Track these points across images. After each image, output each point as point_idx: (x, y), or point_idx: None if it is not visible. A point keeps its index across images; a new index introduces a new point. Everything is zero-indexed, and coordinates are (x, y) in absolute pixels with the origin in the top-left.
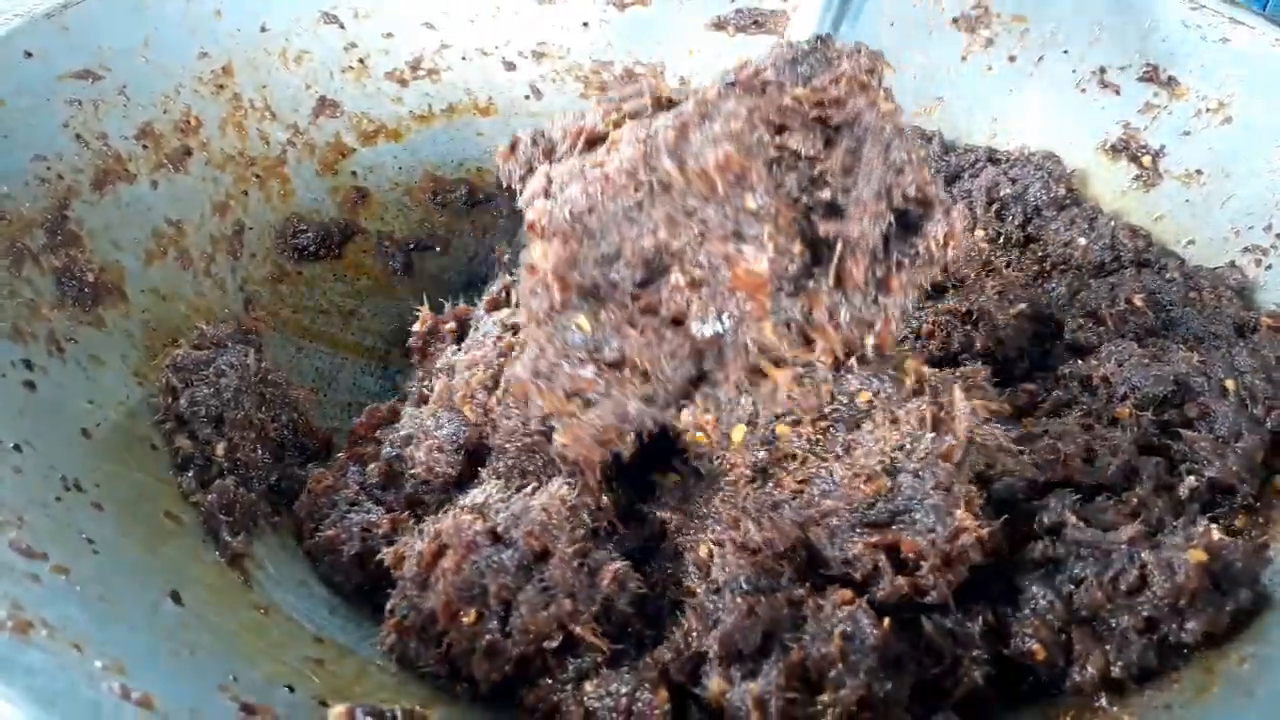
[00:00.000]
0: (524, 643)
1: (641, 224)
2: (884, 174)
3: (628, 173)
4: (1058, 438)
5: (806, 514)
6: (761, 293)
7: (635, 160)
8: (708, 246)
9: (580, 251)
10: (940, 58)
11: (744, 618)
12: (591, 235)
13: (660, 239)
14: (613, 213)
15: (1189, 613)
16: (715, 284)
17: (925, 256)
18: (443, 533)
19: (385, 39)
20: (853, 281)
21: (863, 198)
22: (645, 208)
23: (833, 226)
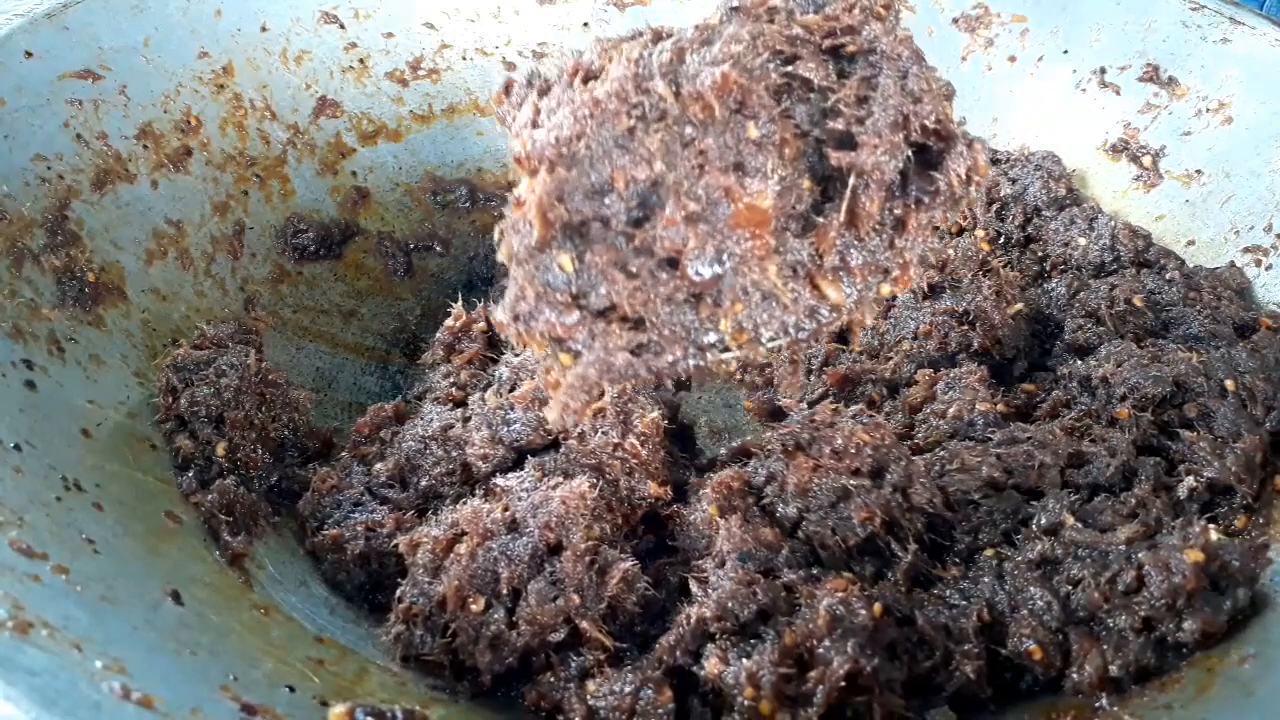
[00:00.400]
0: (529, 634)
1: (635, 152)
2: (900, 103)
3: (618, 96)
4: (1040, 445)
5: None
6: (765, 229)
7: (626, 83)
8: (706, 178)
9: (568, 180)
10: (940, 58)
11: (742, 585)
12: (580, 164)
13: (656, 169)
14: (603, 140)
15: (1187, 613)
16: (714, 220)
17: (947, 193)
18: (461, 520)
19: (385, 39)
20: (867, 219)
21: (878, 127)
22: (638, 135)
23: (846, 158)
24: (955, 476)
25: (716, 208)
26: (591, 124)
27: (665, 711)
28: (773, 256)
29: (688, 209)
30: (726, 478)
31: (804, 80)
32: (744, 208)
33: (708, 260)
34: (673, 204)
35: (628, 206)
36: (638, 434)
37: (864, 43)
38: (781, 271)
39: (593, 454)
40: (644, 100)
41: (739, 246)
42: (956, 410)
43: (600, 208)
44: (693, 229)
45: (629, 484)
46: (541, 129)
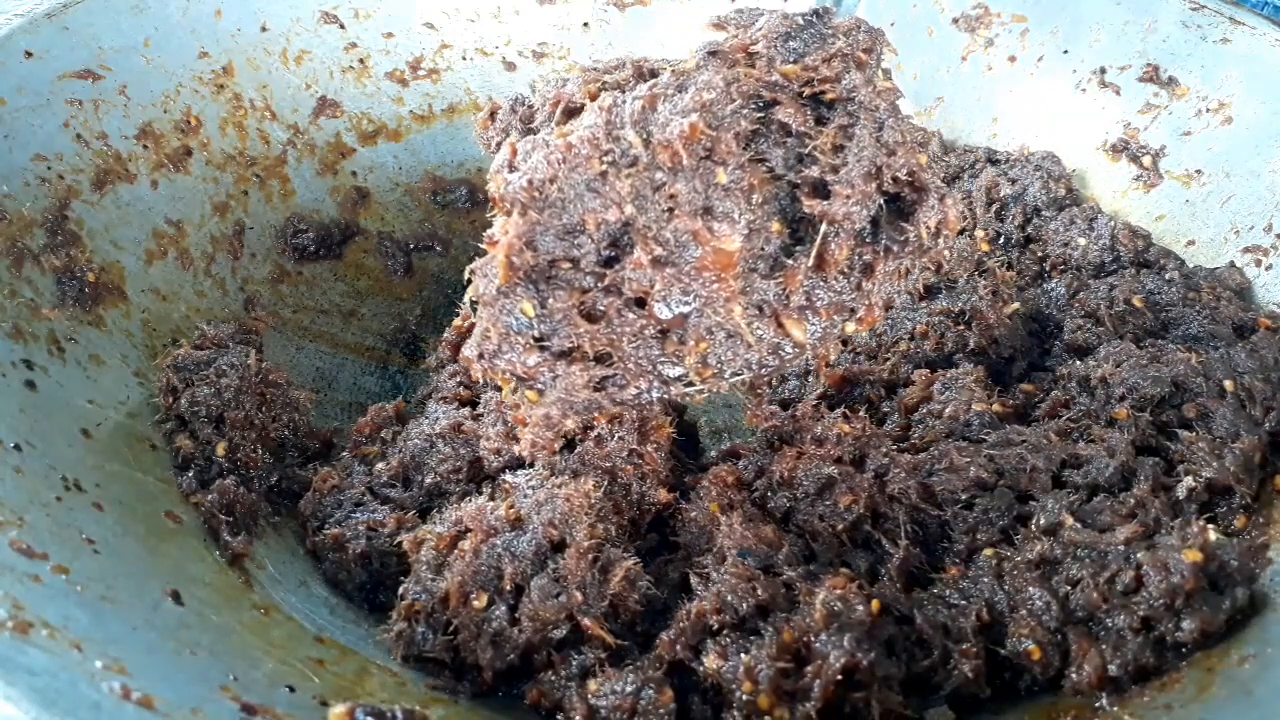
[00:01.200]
0: (530, 630)
1: (605, 196)
2: (875, 154)
3: (590, 142)
4: (1034, 449)
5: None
6: (730, 272)
7: (598, 130)
8: (675, 222)
9: (540, 222)
10: (940, 58)
11: (742, 580)
12: (552, 206)
13: (626, 212)
14: (575, 184)
15: (1185, 612)
16: (682, 262)
17: (915, 244)
18: (465, 517)
19: (385, 39)
20: (834, 264)
21: (851, 177)
22: (609, 179)
23: (818, 205)
24: (943, 476)
25: (684, 250)
26: (564, 168)
27: (666, 711)
28: (738, 298)
29: (654, 252)
30: (722, 472)
31: (782, 125)
32: (711, 250)
33: (675, 301)
34: (641, 247)
35: (598, 247)
36: (653, 442)
37: (843, 91)
38: (746, 312)
39: (608, 458)
40: (615, 147)
41: (705, 289)
42: (953, 410)
43: (571, 248)
44: (659, 271)
45: (640, 489)
46: (517, 172)
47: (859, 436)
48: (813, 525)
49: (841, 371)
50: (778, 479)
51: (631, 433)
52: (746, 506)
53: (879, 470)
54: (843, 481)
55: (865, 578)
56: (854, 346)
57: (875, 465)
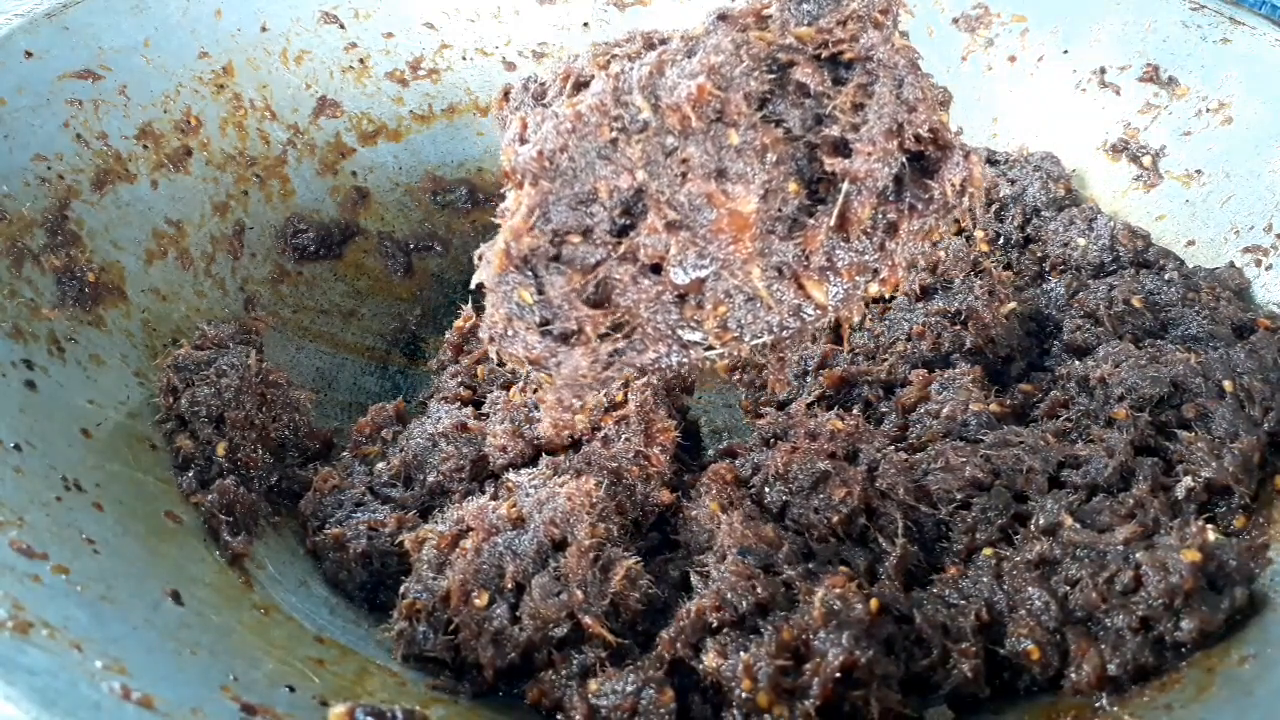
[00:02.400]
0: (531, 628)
1: (617, 163)
2: (895, 111)
3: (599, 110)
4: (1031, 450)
5: None
6: (746, 234)
7: (606, 97)
8: (689, 186)
9: (552, 192)
10: (940, 58)
11: (741, 578)
12: (563, 176)
13: (639, 178)
14: (585, 152)
15: (1184, 612)
16: (697, 226)
17: (940, 202)
18: (466, 516)
19: (386, 39)
20: (857, 223)
21: (873, 135)
22: (620, 146)
23: (840, 164)
24: (939, 475)
25: (699, 214)
26: (574, 137)
27: (667, 711)
28: (756, 260)
29: (668, 217)
30: (720, 469)
31: (799, 85)
32: (726, 213)
33: (691, 265)
34: (655, 212)
35: (611, 215)
36: (659, 444)
37: (861, 50)
38: (765, 274)
39: (613, 458)
40: (623, 113)
41: (722, 251)
42: (950, 410)
43: (584, 218)
44: (674, 235)
45: (644, 490)
46: (527, 144)
47: (851, 433)
48: (808, 518)
49: (840, 372)
50: (773, 473)
51: (638, 434)
52: (746, 504)
53: (871, 464)
54: (836, 475)
55: (864, 577)
56: (852, 347)
57: (868, 460)
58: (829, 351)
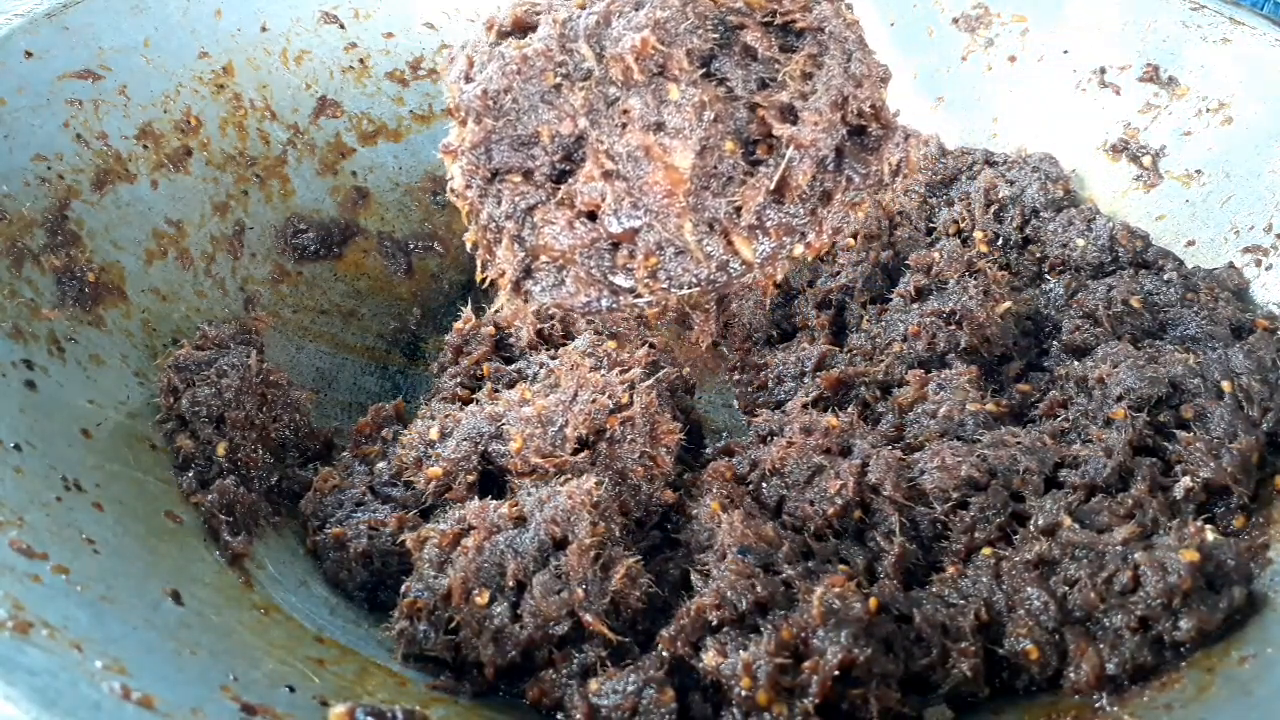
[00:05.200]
0: (532, 626)
1: (560, 109)
2: (843, 84)
3: (544, 55)
4: (1028, 450)
5: None
6: (680, 188)
7: (551, 42)
8: (627, 137)
9: (495, 130)
10: (940, 58)
11: (741, 577)
12: (507, 116)
13: (580, 125)
14: (529, 95)
15: (1183, 612)
16: (632, 177)
17: (875, 178)
18: (468, 515)
19: (386, 39)
20: (794, 189)
21: (819, 105)
22: (564, 92)
23: (787, 130)
24: (934, 474)
25: (636, 165)
26: (519, 79)
27: (667, 711)
28: (688, 214)
29: (605, 166)
30: (720, 467)
31: (746, 47)
32: (662, 166)
33: (625, 215)
34: (592, 160)
35: (552, 160)
36: (664, 445)
37: (813, 20)
38: (697, 229)
39: (619, 459)
40: (568, 59)
41: (656, 204)
42: (947, 410)
43: (525, 160)
44: (610, 184)
45: (648, 490)
46: (472, 82)
47: (845, 429)
48: (804, 510)
49: (837, 374)
50: (769, 468)
51: (644, 435)
52: (747, 503)
53: (864, 458)
54: (830, 468)
55: (864, 576)
56: (850, 348)
57: (861, 454)
58: (826, 352)
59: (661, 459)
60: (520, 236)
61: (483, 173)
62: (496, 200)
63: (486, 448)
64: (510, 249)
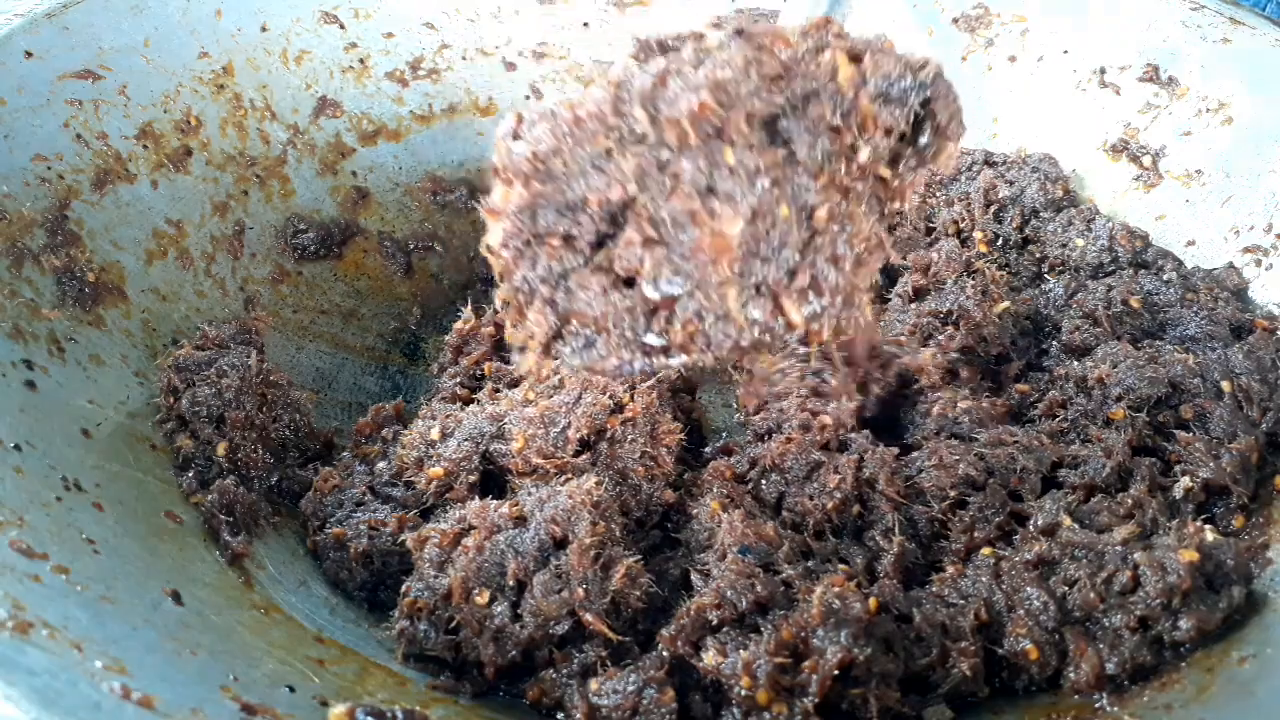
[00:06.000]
0: (533, 625)
1: (610, 175)
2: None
3: (597, 118)
4: (1025, 449)
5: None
6: (727, 256)
7: (605, 105)
8: (673, 201)
9: (543, 194)
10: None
11: (741, 576)
12: (556, 180)
13: (629, 192)
14: (580, 159)
15: (1182, 612)
16: (676, 243)
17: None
18: (469, 515)
19: (386, 39)
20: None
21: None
22: (615, 157)
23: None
24: (931, 472)
25: (681, 230)
26: (569, 141)
27: (667, 711)
28: (733, 282)
29: (647, 232)
30: (720, 466)
31: (820, 118)
32: (709, 233)
33: (664, 282)
34: (634, 225)
35: (598, 226)
36: (665, 445)
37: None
38: (741, 294)
39: (620, 459)
40: (621, 124)
41: (699, 271)
42: (941, 409)
43: (571, 225)
44: (649, 251)
45: (649, 489)
46: (520, 141)
47: (840, 428)
48: (803, 505)
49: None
50: (768, 464)
51: (645, 436)
52: (747, 502)
53: (860, 454)
54: (829, 463)
55: (863, 576)
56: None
57: (858, 450)
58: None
59: (662, 459)
60: (553, 300)
61: (524, 236)
62: (533, 263)
63: (488, 448)
64: (542, 312)
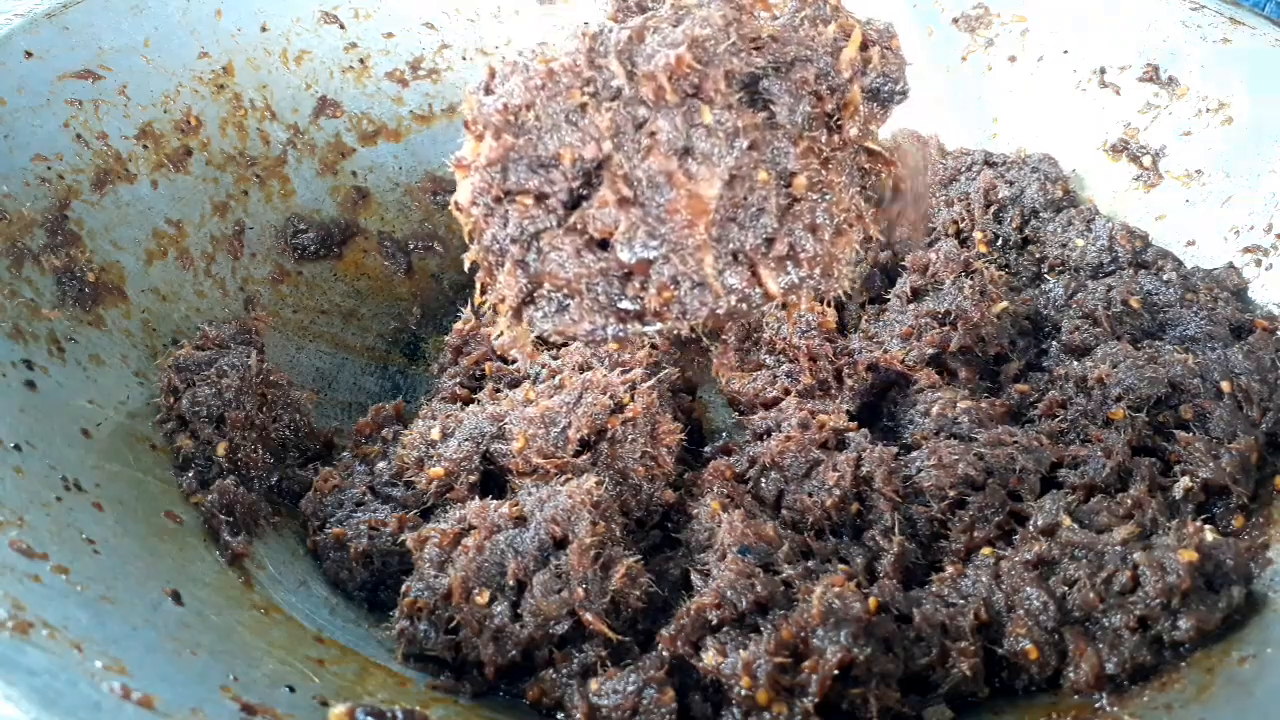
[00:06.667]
0: (533, 625)
1: (584, 131)
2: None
3: (571, 70)
4: (1025, 449)
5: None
6: (703, 219)
7: (579, 57)
8: (649, 161)
9: (515, 148)
10: (940, 58)
11: (741, 576)
12: (528, 134)
13: (604, 150)
14: (553, 113)
15: (1182, 612)
16: (652, 204)
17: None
18: (469, 515)
19: (386, 39)
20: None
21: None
22: (589, 113)
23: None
24: (931, 472)
25: (656, 192)
26: (542, 95)
27: (668, 711)
28: (709, 247)
29: (622, 192)
30: (720, 466)
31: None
32: (685, 194)
33: (639, 244)
34: (609, 185)
35: (570, 185)
36: (665, 445)
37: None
38: (719, 261)
39: (620, 459)
40: (596, 76)
41: (675, 234)
42: (940, 409)
43: (543, 183)
44: (625, 211)
45: (649, 489)
46: (492, 94)
47: (838, 428)
48: (802, 503)
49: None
50: (768, 462)
51: (645, 436)
52: (747, 501)
53: (859, 452)
54: (828, 461)
55: (863, 575)
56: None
57: (856, 448)
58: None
59: (662, 459)
60: (524, 261)
61: (494, 192)
62: (503, 221)
63: (488, 448)
64: (513, 274)
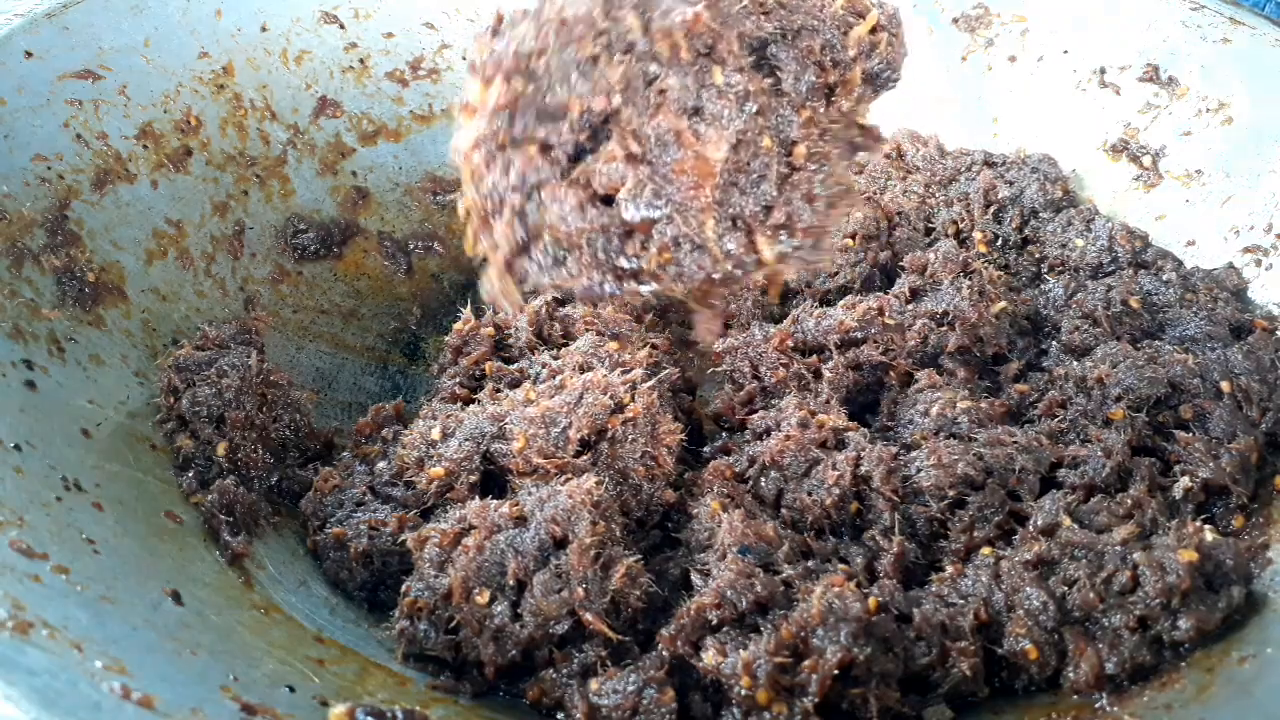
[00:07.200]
0: (533, 625)
1: (595, 83)
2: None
3: (585, 20)
4: (1024, 449)
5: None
6: (709, 181)
7: (596, 8)
8: (659, 119)
9: (524, 96)
10: (940, 58)
11: (741, 576)
12: (538, 82)
13: (614, 103)
14: (564, 63)
15: (1181, 612)
16: (659, 163)
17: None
18: (469, 514)
19: (386, 39)
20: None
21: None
22: (601, 64)
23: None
24: (930, 471)
25: (664, 150)
26: (555, 42)
27: (668, 711)
28: (712, 209)
29: (630, 148)
30: (720, 465)
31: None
32: (692, 155)
33: (644, 203)
34: (617, 139)
35: (576, 138)
36: (665, 445)
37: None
38: (719, 225)
39: (620, 459)
40: (611, 28)
41: (679, 194)
42: (940, 408)
43: (549, 133)
44: (632, 168)
45: (650, 489)
46: (503, 38)
47: (837, 428)
48: (802, 502)
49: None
50: (767, 461)
51: (645, 436)
52: (747, 501)
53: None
54: (827, 459)
55: (863, 575)
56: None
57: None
58: None
59: (663, 459)
60: (523, 211)
61: (500, 139)
62: (505, 169)
63: (489, 448)
64: (510, 224)
